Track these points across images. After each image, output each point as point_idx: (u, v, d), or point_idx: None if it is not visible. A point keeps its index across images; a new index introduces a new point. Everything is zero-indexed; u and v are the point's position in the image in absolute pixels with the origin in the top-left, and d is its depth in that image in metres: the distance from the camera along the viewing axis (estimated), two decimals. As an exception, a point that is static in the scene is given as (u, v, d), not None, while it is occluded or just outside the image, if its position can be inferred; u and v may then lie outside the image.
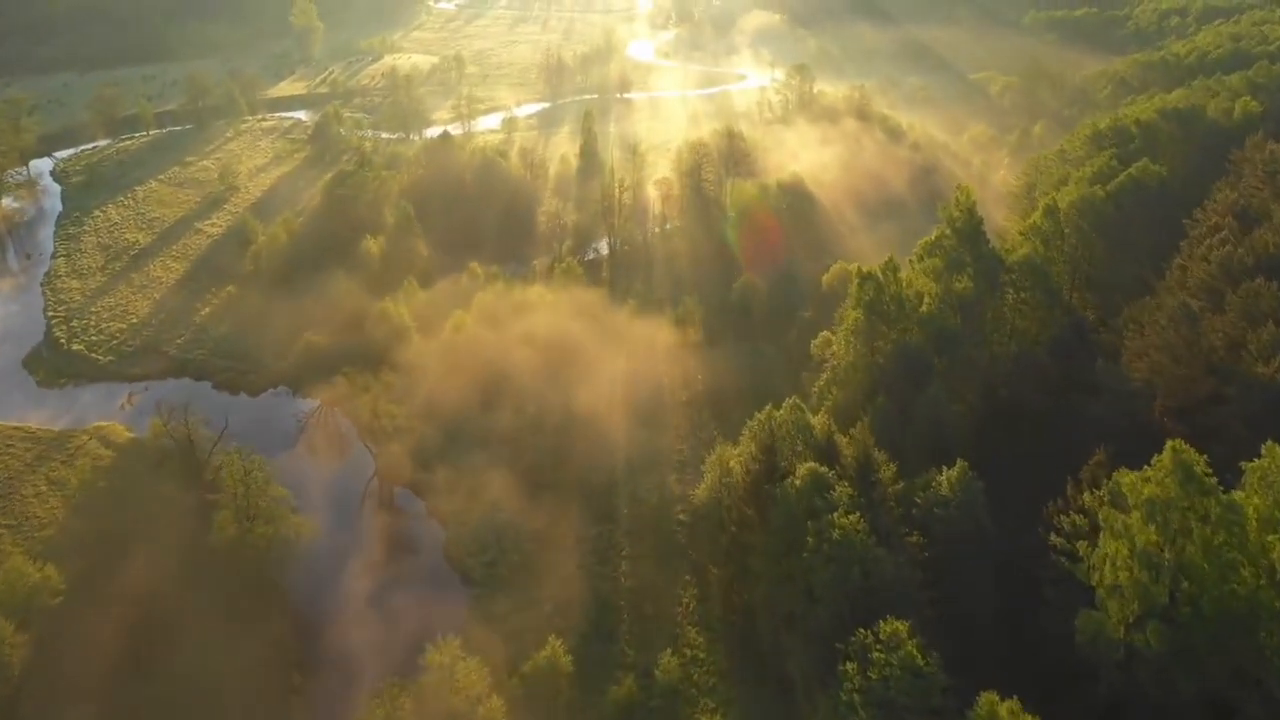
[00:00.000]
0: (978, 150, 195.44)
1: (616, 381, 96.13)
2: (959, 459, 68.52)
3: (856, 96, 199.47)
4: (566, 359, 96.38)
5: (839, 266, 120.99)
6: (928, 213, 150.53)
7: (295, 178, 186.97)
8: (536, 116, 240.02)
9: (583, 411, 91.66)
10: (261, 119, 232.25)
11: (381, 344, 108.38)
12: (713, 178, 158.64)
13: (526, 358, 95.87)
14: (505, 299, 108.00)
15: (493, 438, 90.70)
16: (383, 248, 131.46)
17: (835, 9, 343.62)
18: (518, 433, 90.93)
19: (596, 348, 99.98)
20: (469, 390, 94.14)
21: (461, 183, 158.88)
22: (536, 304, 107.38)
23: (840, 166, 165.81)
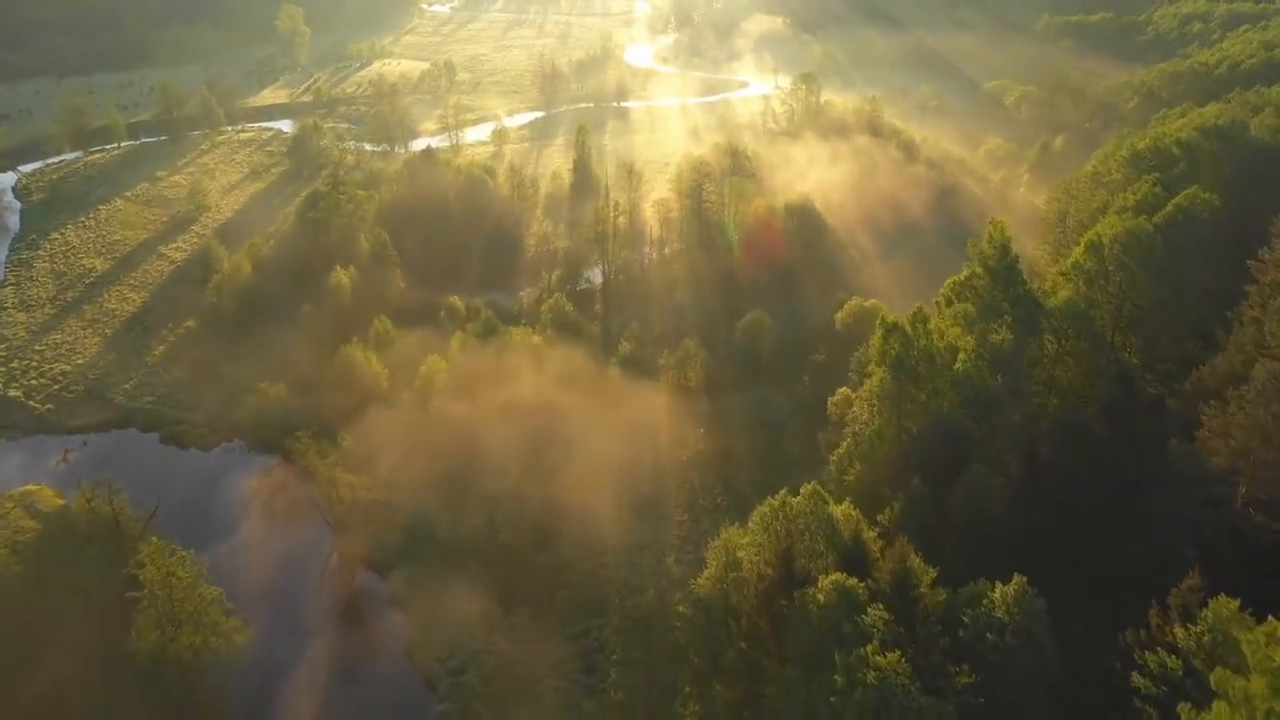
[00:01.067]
0: (995, 165, 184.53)
1: (607, 448, 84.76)
2: (1009, 563, 57.52)
3: (867, 109, 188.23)
4: (550, 427, 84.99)
5: (854, 304, 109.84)
6: (947, 239, 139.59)
7: (270, 195, 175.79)
8: (529, 127, 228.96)
9: (569, 487, 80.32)
10: (240, 130, 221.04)
11: (346, 397, 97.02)
12: (715, 198, 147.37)
13: (505, 430, 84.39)
14: (482, 356, 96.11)
15: (466, 517, 79.40)
16: (354, 280, 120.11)
17: (841, 13, 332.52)
18: (494, 514, 79.59)
19: (585, 411, 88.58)
20: (440, 463, 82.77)
21: (444, 204, 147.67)
22: (517, 363, 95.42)
23: (851, 186, 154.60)
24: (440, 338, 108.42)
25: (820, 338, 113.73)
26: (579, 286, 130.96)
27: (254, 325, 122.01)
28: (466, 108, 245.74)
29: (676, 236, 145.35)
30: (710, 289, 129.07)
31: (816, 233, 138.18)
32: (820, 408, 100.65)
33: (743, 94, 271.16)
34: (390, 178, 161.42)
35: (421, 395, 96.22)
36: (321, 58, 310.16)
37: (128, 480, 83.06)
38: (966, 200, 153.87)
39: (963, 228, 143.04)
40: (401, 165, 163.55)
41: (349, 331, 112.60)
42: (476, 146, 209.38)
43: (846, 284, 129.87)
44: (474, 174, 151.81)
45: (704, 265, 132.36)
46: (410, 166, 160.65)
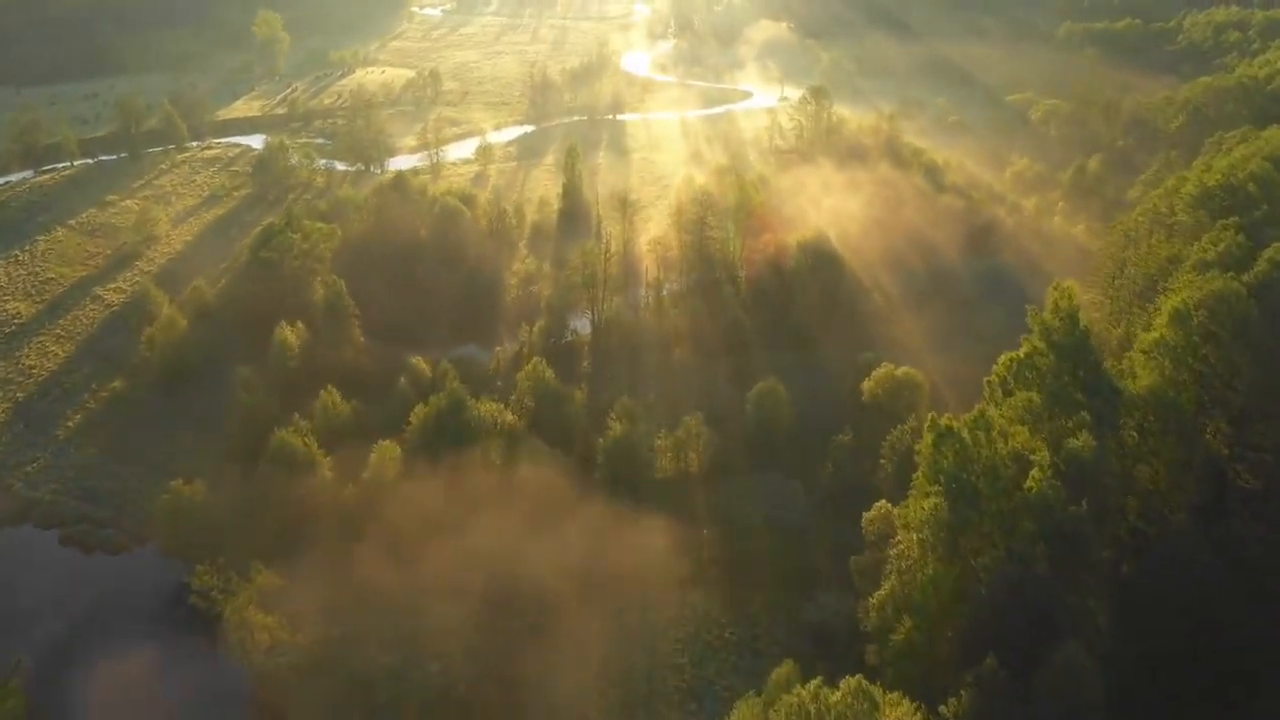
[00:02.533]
0: (1024, 190, 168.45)
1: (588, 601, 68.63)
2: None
3: (885, 128, 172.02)
4: (517, 574, 68.82)
5: (884, 372, 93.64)
6: (984, 284, 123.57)
7: (228, 224, 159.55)
8: (517, 143, 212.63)
9: (539, 655, 64.21)
10: (205, 147, 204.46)
11: (281, 490, 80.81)
12: (718, 233, 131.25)
13: (460, 574, 68.23)
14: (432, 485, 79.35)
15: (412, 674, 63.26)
16: (303, 338, 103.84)
17: (849, 19, 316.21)
18: (447, 671, 63.52)
19: (561, 549, 72.31)
20: (381, 605, 66.71)
21: (415, 241, 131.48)
22: (479, 482, 78.97)
23: (872, 220, 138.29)
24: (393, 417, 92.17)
25: (843, 408, 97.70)
26: (564, 339, 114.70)
27: (191, 389, 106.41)
28: (451, 121, 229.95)
29: (675, 276, 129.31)
30: (714, 342, 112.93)
31: (834, 275, 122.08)
32: (847, 501, 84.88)
33: (746, 105, 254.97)
34: (359, 206, 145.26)
35: (369, 492, 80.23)
36: (301, 65, 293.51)
37: (9, 596, 67.30)
38: (1007, 240, 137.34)
39: (1001, 271, 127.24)
40: (370, 193, 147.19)
41: (295, 400, 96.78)
42: (459, 166, 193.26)
43: (870, 337, 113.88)
44: (449, 205, 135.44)
45: (706, 314, 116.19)
46: (379, 195, 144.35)
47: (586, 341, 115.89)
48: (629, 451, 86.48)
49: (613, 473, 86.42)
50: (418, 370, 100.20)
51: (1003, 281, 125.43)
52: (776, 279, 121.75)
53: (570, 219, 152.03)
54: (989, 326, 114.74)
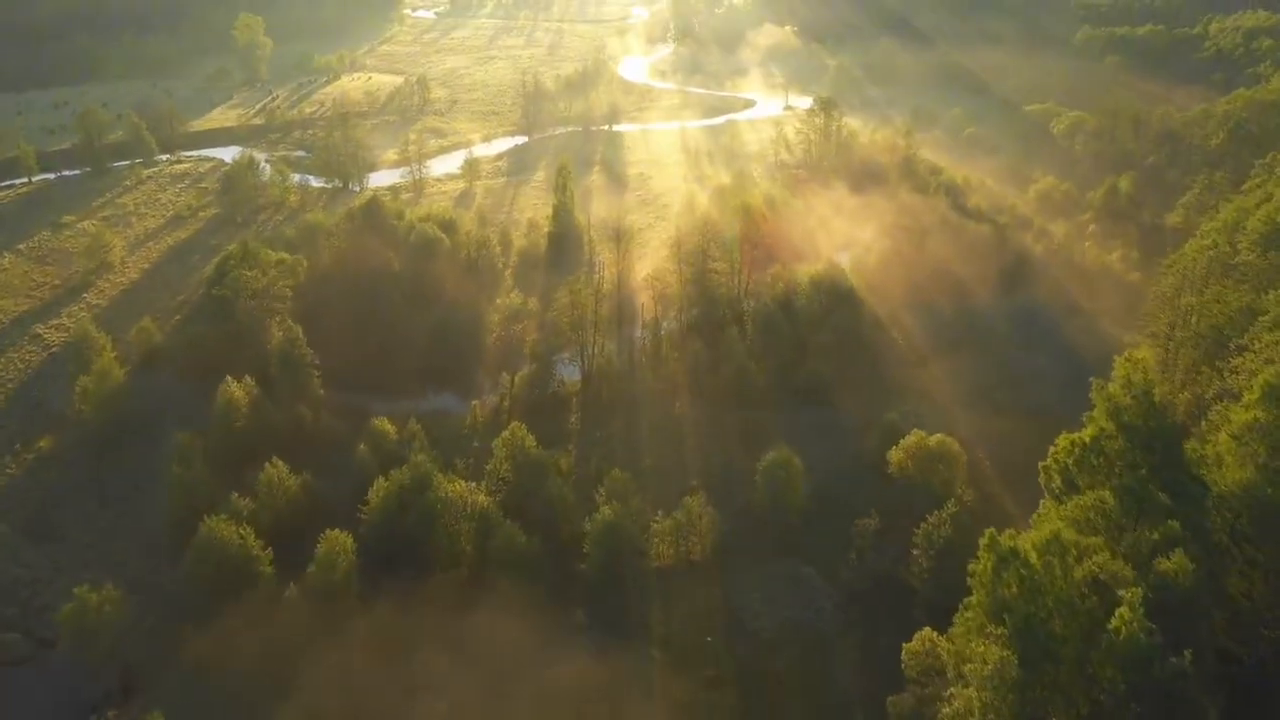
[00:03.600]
0: (1050, 211, 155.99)
1: None
2: None
3: (901, 144, 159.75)
4: None
5: (915, 441, 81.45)
6: (1020, 329, 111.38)
7: (190, 250, 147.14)
8: (508, 156, 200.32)
9: None
10: (174, 161, 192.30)
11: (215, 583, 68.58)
12: (722, 266, 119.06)
13: None
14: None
15: None
16: (253, 395, 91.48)
17: (856, 23, 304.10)
18: None
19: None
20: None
21: (387, 274, 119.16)
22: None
23: (890, 250, 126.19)
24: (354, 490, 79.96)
25: (866, 478, 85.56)
26: (551, 388, 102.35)
27: (128, 450, 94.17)
28: (437, 132, 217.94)
29: (675, 312, 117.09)
30: (718, 393, 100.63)
31: (851, 315, 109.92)
32: (876, 599, 73.04)
33: (749, 115, 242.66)
34: (330, 231, 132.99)
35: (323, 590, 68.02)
36: (285, 71, 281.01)
37: None
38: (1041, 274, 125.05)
39: (1036, 311, 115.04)
40: (342, 218, 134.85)
41: (242, 469, 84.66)
42: (444, 182, 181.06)
43: (893, 388, 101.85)
44: (425, 235, 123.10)
45: (709, 360, 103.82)
46: (351, 220, 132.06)
47: (575, 392, 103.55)
48: (620, 538, 74.20)
49: (601, 562, 74.28)
50: (381, 434, 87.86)
51: (1039, 323, 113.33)
52: (786, 318, 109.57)
53: (561, 245, 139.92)
54: (1027, 377, 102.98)
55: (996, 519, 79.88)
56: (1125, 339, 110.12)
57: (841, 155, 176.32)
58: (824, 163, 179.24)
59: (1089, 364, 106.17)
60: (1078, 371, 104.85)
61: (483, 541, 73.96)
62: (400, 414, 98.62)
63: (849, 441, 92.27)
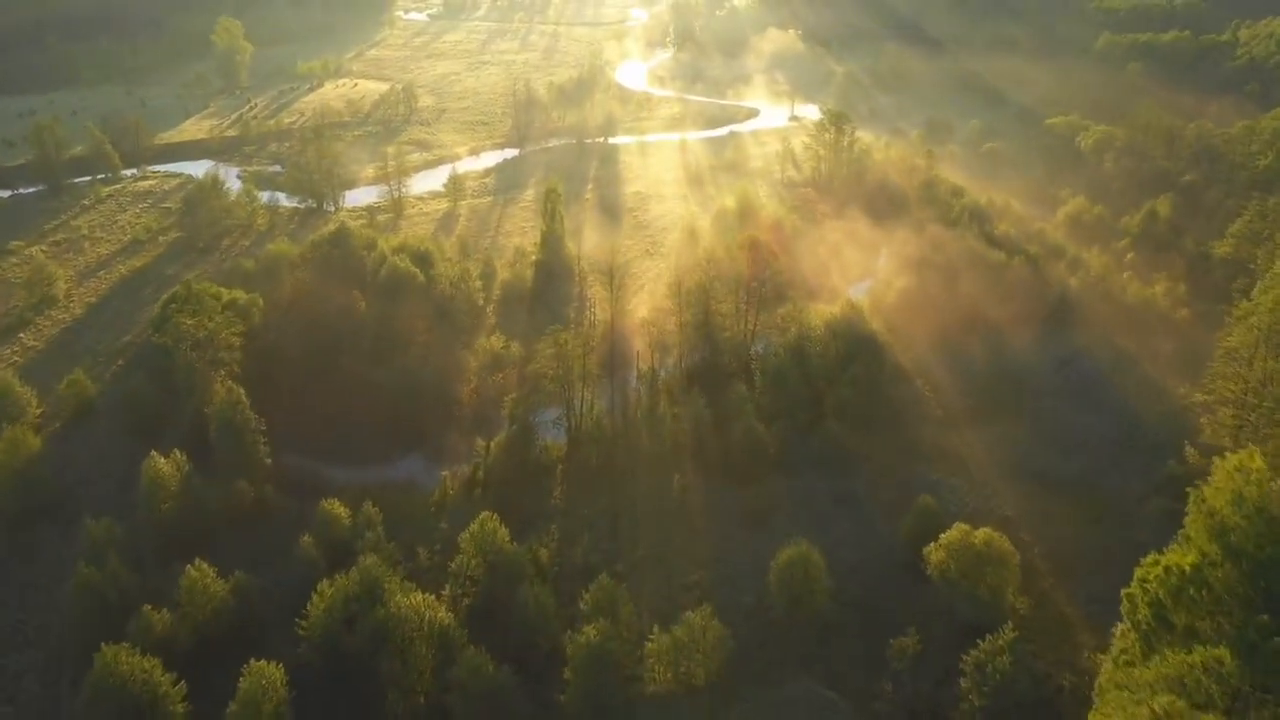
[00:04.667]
0: (1083, 237, 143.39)
1: None
2: None
3: (922, 165, 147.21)
4: None
5: (958, 538, 68.79)
6: (1066, 382, 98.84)
7: (144, 281, 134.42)
8: (496, 172, 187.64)
9: None
10: (140, 177, 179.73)
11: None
12: (729, 309, 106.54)
13: None
14: None
15: None
16: (184, 472, 78.85)
17: (864, 28, 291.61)
18: None
19: None
20: None
21: (353, 316, 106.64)
22: None
23: (912, 285, 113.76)
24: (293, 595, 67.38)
25: (900, 579, 73.09)
26: (532, 454, 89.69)
27: (45, 533, 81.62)
28: (422, 145, 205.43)
29: (675, 359, 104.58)
30: (723, 460, 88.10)
31: (873, 366, 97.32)
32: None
33: (753, 125, 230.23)
34: (294, 263, 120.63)
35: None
36: (268, 78, 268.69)
37: None
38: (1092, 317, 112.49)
39: (1081, 359, 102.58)
40: (308, 248, 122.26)
41: (168, 562, 72.34)
42: (427, 201, 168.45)
43: (923, 455, 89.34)
44: (397, 271, 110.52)
45: (712, 419, 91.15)
46: (317, 250, 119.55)
47: (560, 457, 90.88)
48: (606, 665, 61.67)
49: (584, 693, 61.79)
50: (331, 519, 75.28)
51: (1083, 372, 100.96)
52: (799, 368, 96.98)
53: (549, 277, 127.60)
54: (1075, 439, 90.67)
55: (1056, 632, 67.99)
56: (1182, 392, 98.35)
57: (854, 173, 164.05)
58: (834, 181, 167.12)
59: (1142, 422, 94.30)
60: (1130, 431, 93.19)
61: (444, 668, 61.43)
62: (360, 485, 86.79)
63: (876, 524, 79.79)
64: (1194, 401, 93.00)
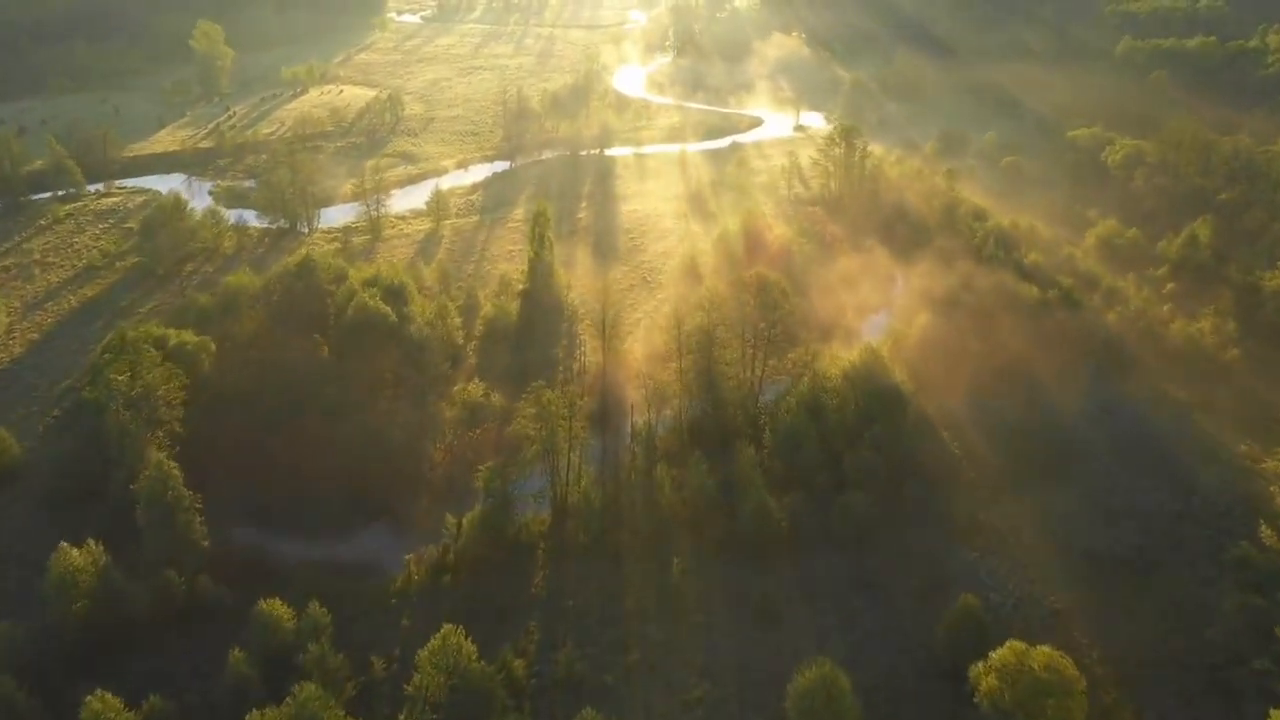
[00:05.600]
0: (1116, 263, 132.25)
1: None
2: None
3: (942, 185, 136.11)
4: None
5: (1012, 659, 57.73)
6: (1116, 440, 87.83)
7: (95, 314, 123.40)
8: (484, 188, 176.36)
9: None
10: (104, 194, 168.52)
11: None
12: (734, 355, 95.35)
13: None
14: None
15: None
16: (101, 565, 67.71)
17: (871, 32, 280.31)
18: None
19: None
20: None
21: (315, 363, 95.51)
22: None
23: (936, 326, 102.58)
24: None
25: (940, 698, 62.02)
26: (512, 529, 78.53)
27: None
28: (408, 157, 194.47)
29: (674, 412, 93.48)
30: (729, 539, 77.05)
31: (897, 423, 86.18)
32: None
33: (756, 135, 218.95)
34: (256, 296, 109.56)
35: None
36: (251, 83, 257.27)
37: None
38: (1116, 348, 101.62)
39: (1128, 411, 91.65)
40: (272, 279, 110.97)
41: (77, 677, 61.25)
42: (408, 222, 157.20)
43: (958, 527, 78.33)
44: (365, 310, 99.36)
45: (716, 488, 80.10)
46: (282, 282, 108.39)
47: (543, 531, 79.74)
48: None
49: None
50: (271, 624, 64.16)
51: (1130, 427, 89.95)
52: (814, 425, 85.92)
53: (536, 312, 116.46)
54: (1129, 509, 79.77)
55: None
56: (1242, 450, 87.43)
57: (867, 192, 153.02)
58: (845, 200, 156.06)
59: (1200, 487, 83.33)
60: (1187, 499, 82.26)
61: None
62: (313, 565, 75.86)
63: (906, 618, 68.83)
64: (1262, 467, 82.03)
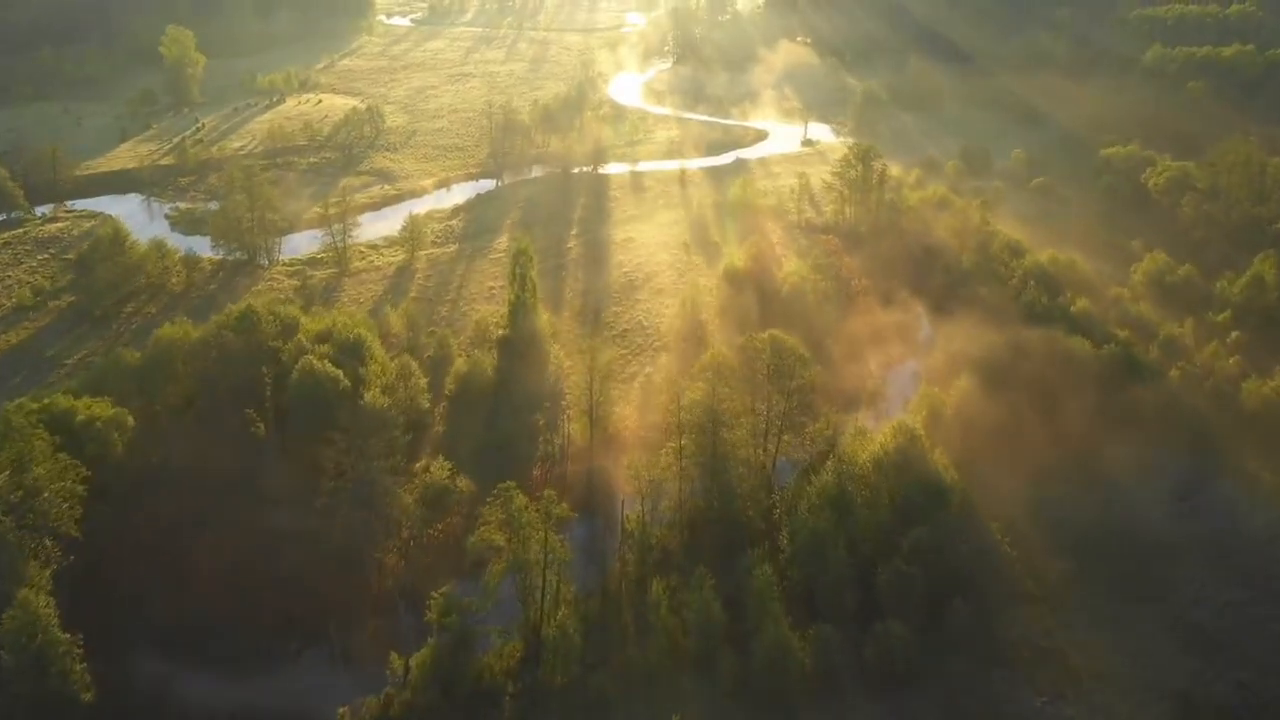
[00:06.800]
0: (1169, 304, 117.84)
1: None
2: None
3: (977, 219, 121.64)
4: None
5: None
6: (1196, 537, 73.39)
7: (19, 363, 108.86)
8: (466, 211, 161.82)
9: None
10: (49, 218, 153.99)
11: None
12: (744, 435, 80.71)
13: None
14: None
15: None
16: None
17: (883, 39, 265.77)
18: None
19: None
20: None
21: (248, 439, 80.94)
22: None
23: (976, 387, 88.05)
24: None
25: None
26: (473, 671, 63.89)
27: None
28: (385, 175, 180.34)
29: (672, 506, 78.91)
30: (742, 682, 62.58)
31: (938, 520, 71.66)
32: None
33: (761, 150, 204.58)
34: (194, 351, 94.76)
35: None
36: (224, 92, 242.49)
37: None
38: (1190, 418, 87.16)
39: (1212, 501, 77.18)
40: (211, 330, 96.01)
41: None
42: (381, 250, 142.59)
43: (1019, 658, 64.00)
44: (315, 374, 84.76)
45: (724, 611, 65.60)
46: (219, 339, 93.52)
47: (513, 670, 65.12)
48: None
49: None
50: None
51: (1229, 528, 75.41)
52: (841, 528, 71.32)
53: (515, 365, 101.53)
54: (1222, 632, 65.27)
55: None
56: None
57: (886, 220, 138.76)
58: (862, 228, 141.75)
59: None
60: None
61: None
62: (228, 713, 61.39)
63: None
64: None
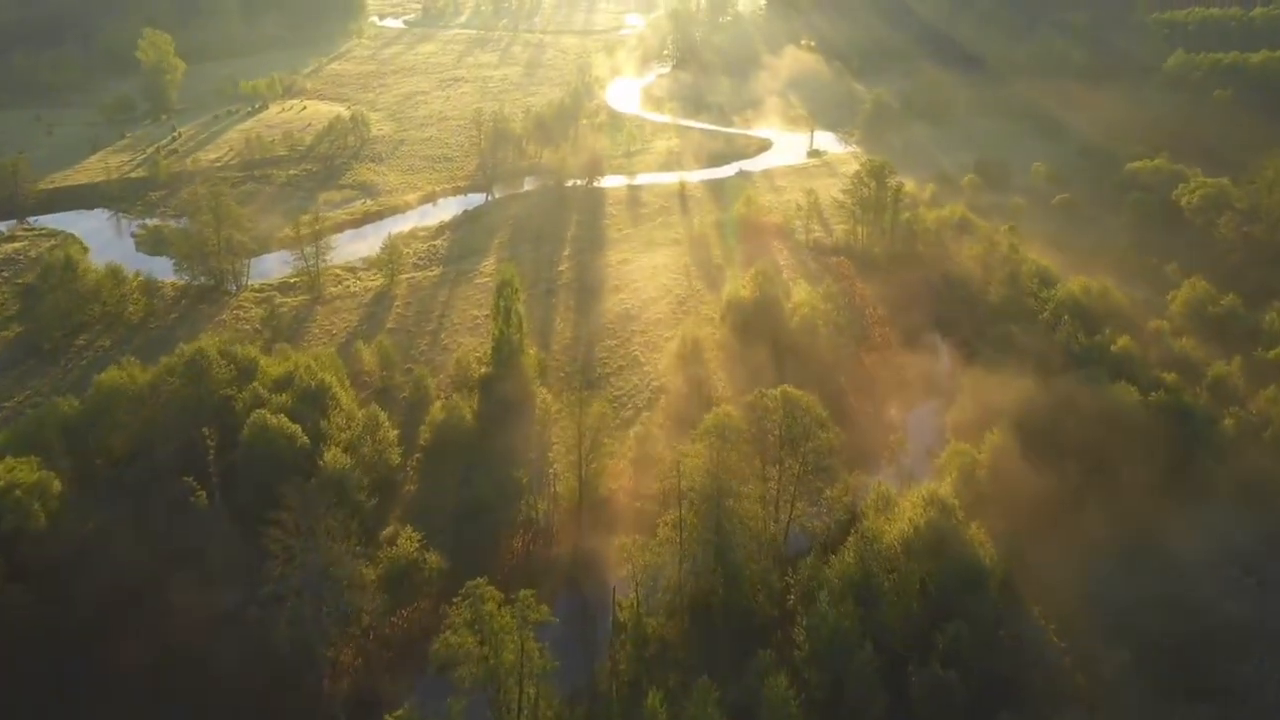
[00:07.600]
0: (1210, 337, 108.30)
1: None
2: None
3: (1005, 246, 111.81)
4: None
5: None
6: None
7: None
8: (451, 229, 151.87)
9: None
10: (5, 236, 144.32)
11: None
12: (754, 508, 70.86)
13: None
14: None
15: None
16: None
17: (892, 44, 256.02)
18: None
19: None
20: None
21: (193, 517, 71.11)
22: None
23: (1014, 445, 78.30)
24: None
25: None
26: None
27: None
28: (367, 189, 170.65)
29: (670, 587, 69.16)
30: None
31: (977, 610, 61.89)
32: None
33: (766, 161, 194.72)
34: (140, 397, 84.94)
35: None
36: (206, 97, 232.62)
37: None
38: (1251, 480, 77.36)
39: None
40: (159, 375, 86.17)
41: None
42: (358, 274, 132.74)
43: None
44: (267, 434, 75.01)
45: (735, 709, 55.89)
46: (167, 388, 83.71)
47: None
48: None
49: None
50: None
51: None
52: (866, 623, 61.57)
53: (498, 410, 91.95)
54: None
55: None
56: None
57: (903, 242, 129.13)
58: (876, 251, 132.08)
59: None
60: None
61: None
62: None
63: None
64: None
